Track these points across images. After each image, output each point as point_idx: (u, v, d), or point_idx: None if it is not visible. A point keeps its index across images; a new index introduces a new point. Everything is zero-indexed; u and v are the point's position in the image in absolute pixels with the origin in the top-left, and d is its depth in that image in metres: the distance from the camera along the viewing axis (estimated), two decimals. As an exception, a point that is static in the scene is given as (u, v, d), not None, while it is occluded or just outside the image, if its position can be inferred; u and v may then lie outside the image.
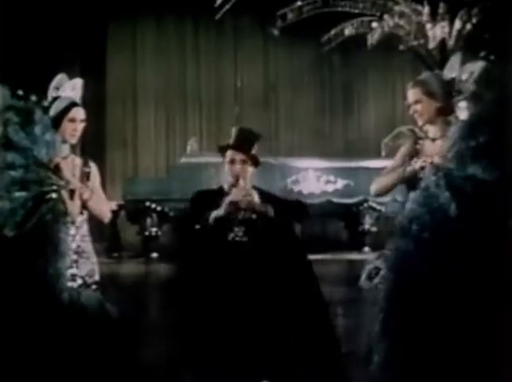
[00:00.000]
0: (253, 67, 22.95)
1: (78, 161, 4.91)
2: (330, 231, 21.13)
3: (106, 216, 4.94)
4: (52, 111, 4.74)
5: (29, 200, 4.27)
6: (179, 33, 22.99)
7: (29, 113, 4.46)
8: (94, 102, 20.97)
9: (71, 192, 4.60)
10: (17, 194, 4.23)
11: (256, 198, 4.42)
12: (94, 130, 20.91)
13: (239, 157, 4.47)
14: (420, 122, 4.75)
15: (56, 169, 4.50)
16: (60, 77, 4.95)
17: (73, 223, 4.66)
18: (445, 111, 4.67)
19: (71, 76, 5.07)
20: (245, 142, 4.51)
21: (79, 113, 4.82)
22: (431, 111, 4.69)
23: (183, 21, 23.04)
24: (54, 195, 4.40)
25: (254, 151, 4.54)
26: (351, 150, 22.42)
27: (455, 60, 4.82)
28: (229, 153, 4.51)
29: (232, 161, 4.48)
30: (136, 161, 22.26)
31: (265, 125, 23.18)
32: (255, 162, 4.56)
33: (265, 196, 4.51)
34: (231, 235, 4.36)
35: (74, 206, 4.64)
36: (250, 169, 4.53)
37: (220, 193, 4.53)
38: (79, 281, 4.65)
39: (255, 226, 4.36)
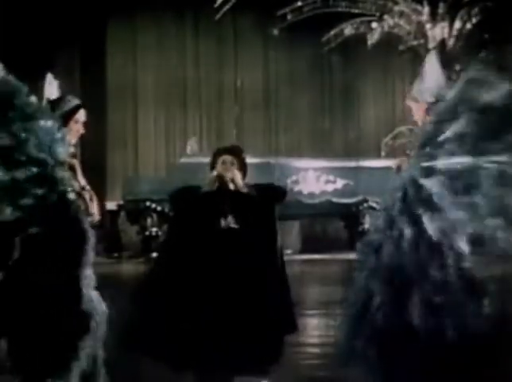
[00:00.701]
0: (253, 67, 22.95)
1: None
2: (330, 231, 21.13)
3: (96, 217, 4.96)
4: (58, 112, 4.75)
5: (52, 198, 4.28)
6: (179, 33, 22.99)
7: (43, 110, 4.49)
8: (94, 102, 21.05)
9: (90, 193, 4.64)
10: (40, 191, 4.23)
11: (239, 179, 4.90)
12: (94, 130, 20.94)
13: (229, 159, 4.96)
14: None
15: (71, 169, 4.55)
16: (49, 77, 4.98)
17: (93, 222, 4.70)
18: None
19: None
20: (236, 149, 5.11)
21: (83, 115, 4.86)
22: (420, 114, 4.76)
23: (183, 21, 23.04)
24: (73, 195, 4.42)
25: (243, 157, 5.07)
26: (351, 150, 22.44)
27: (431, 58, 4.85)
28: (222, 157, 4.98)
29: (223, 163, 4.95)
30: (136, 161, 22.27)
31: (265, 125, 23.23)
32: (243, 168, 5.03)
33: (251, 186, 4.94)
34: (224, 223, 4.77)
35: (93, 206, 4.68)
36: (238, 173, 4.95)
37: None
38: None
39: (244, 215, 4.80)
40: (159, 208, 17.54)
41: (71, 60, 20.30)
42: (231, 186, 4.90)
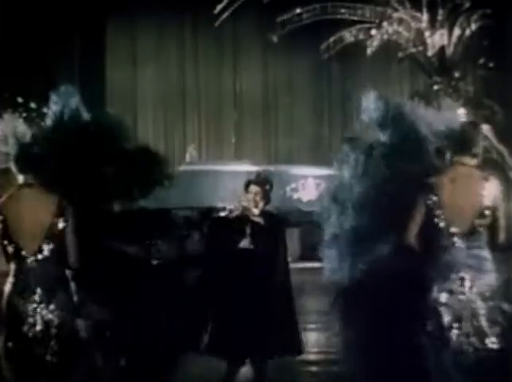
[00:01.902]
0: (252, 74, 22.94)
1: None
2: (329, 239, 21.05)
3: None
4: None
5: None
6: (178, 40, 22.99)
7: None
8: (93, 110, 20.98)
9: None
10: None
11: (255, 212, 6.07)
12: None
13: (256, 189, 6.05)
14: None
15: None
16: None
17: None
18: None
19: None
20: (263, 181, 6.17)
21: None
22: None
23: (182, 28, 23.03)
24: None
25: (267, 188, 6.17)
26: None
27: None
28: (251, 187, 6.07)
29: (251, 192, 6.06)
30: (135, 168, 22.15)
31: (264, 131, 23.18)
32: (267, 195, 6.12)
33: (266, 214, 6.15)
34: (243, 243, 5.94)
35: None
36: (261, 202, 6.08)
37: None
38: None
39: (259, 238, 5.97)
40: (158, 216, 17.43)
41: (71, 67, 20.28)
42: (252, 216, 6.06)
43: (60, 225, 4.48)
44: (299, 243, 18.86)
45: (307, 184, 18.56)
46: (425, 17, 20.99)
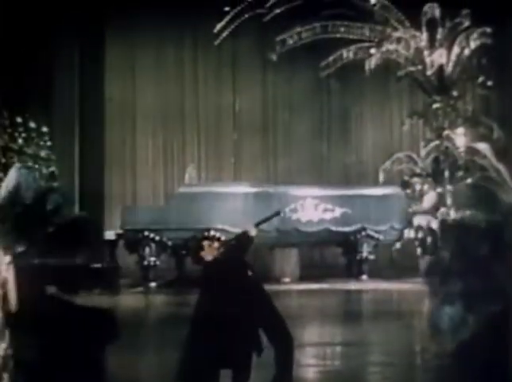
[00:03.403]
0: (252, 92, 22.92)
1: None
2: (328, 259, 21.05)
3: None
4: None
5: None
6: (178, 58, 22.98)
7: None
8: (92, 130, 21.06)
9: None
10: None
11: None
12: (92, 158, 20.96)
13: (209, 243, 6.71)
14: None
15: None
16: None
17: None
18: None
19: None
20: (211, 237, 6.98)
21: None
22: None
23: (182, 47, 23.02)
24: None
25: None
26: (349, 176, 22.41)
27: None
28: (205, 244, 6.65)
29: (209, 246, 6.64)
30: (134, 189, 22.09)
31: (264, 150, 23.11)
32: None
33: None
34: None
35: None
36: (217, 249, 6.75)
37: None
38: None
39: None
40: (157, 238, 17.36)
41: (71, 87, 20.29)
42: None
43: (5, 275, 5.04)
44: (298, 264, 18.82)
45: (306, 204, 18.51)
46: (425, 36, 20.98)
